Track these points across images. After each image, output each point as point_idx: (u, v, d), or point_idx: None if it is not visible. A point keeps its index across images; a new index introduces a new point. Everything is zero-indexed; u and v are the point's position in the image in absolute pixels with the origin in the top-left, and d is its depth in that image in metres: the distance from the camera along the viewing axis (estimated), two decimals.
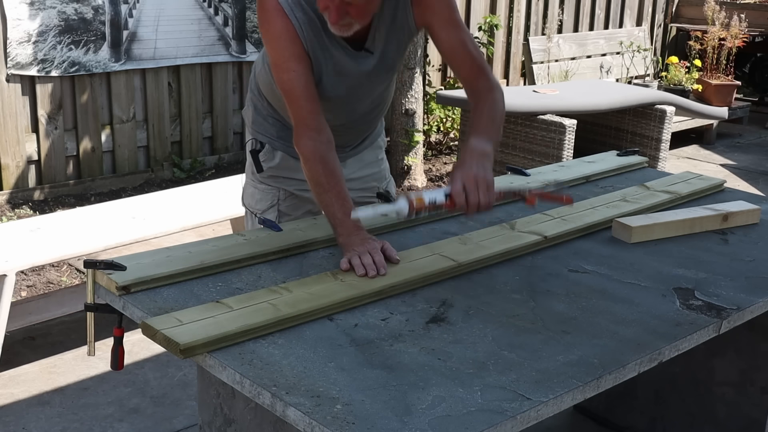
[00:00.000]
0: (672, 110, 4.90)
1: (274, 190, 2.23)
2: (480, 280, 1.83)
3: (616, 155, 2.86)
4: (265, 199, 2.24)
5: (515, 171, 2.63)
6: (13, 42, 4.57)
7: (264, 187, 2.24)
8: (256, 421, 1.52)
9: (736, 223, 2.24)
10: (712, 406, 2.46)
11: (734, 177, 5.94)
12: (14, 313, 3.00)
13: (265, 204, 2.24)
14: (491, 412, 1.30)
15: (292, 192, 2.23)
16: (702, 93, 7.07)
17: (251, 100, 2.25)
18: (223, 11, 5.43)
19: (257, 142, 2.22)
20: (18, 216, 4.50)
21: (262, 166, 2.21)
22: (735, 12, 7.28)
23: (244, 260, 1.85)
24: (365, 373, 1.40)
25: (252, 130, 2.25)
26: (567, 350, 1.52)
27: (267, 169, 2.21)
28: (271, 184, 2.23)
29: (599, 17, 8.01)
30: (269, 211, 2.23)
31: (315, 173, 1.90)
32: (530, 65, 6.75)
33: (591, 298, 1.75)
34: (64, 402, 2.85)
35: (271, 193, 2.24)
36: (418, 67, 5.32)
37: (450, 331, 1.57)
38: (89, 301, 1.73)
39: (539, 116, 4.48)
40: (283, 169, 2.21)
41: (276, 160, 2.21)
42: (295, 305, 1.60)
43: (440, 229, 2.14)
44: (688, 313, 1.70)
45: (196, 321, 1.52)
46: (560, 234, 2.08)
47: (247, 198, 2.30)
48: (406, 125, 5.36)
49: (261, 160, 2.21)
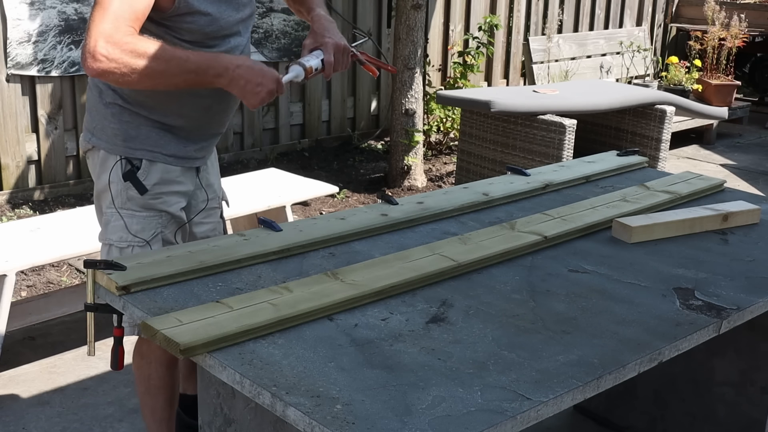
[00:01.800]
0: (672, 110, 4.89)
1: (156, 216, 2.05)
2: (480, 280, 1.83)
3: (616, 155, 2.86)
4: (147, 229, 2.05)
5: (515, 171, 2.63)
6: (13, 42, 4.57)
7: (145, 213, 2.04)
8: (256, 421, 1.52)
9: (736, 223, 2.25)
10: (712, 406, 2.46)
11: (734, 177, 5.95)
12: (14, 313, 3.00)
13: (148, 234, 2.05)
14: (491, 412, 1.31)
15: (174, 214, 2.08)
16: (702, 93, 7.07)
17: (113, 115, 2.01)
18: None
19: (128, 162, 2.01)
20: (18, 216, 4.50)
21: (145, 186, 2.01)
22: (735, 12, 7.28)
23: (244, 260, 1.85)
24: (365, 373, 1.40)
25: (122, 148, 2.02)
26: (567, 350, 1.52)
27: (150, 188, 2.03)
28: (154, 207, 2.05)
29: (599, 17, 8.01)
30: (153, 241, 2.05)
31: (158, 54, 1.80)
32: (530, 65, 6.75)
33: (591, 298, 1.75)
34: (64, 402, 2.85)
35: (154, 219, 2.05)
36: (418, 67, 5.32)
37: (450, 331, 1.57)
38: (89, 301, 1.73)
39: (539, 116, 4.48)
40: (166, 183, 2.05)
41: (157, 174, 2.04)
42: (295, 305, 1.60)
43: (440, 229, 2.14)
44: (688, 313, 1.70)
45: (196, 321, 1.52)
46: (560, 234, 2.08)
47: (118, 231, 2.03)
48: (406, 125, 5.36)
49: (141, 179, 2.02)
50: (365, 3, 6.23)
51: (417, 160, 5.42)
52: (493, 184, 2.50)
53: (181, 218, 2.12)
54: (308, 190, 3.86)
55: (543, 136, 4.47)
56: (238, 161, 5.66)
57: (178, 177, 2.09)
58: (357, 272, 1.78)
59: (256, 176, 4.02)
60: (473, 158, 4.89)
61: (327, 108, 6.20)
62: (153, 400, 2.25)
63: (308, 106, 6.07)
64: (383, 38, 6.42)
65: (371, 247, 1.99)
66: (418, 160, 5.45)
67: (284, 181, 3.93)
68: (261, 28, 5.66)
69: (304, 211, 4.90)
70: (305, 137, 6.13)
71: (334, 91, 6.21)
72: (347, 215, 2.16)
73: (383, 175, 5.69)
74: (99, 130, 2.04)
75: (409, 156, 5.39)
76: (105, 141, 2.04)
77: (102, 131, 2.04)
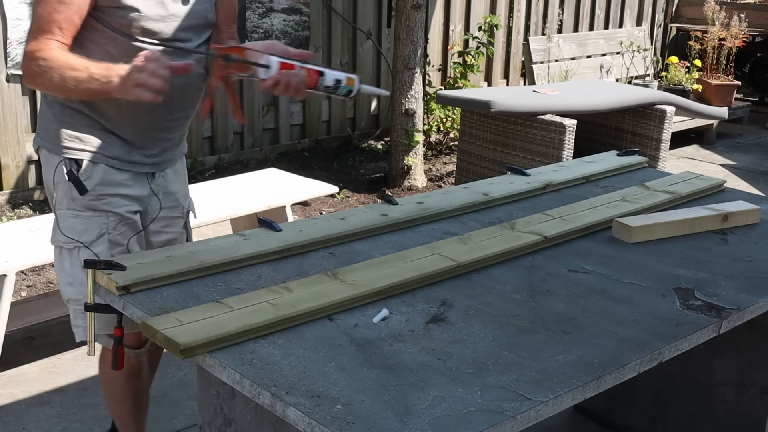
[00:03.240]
0: (672, 110, 4.89)
1: (101, 217, 2.02)
2: (480, 280, 1.83)
3: (616, 155, 2.86)
4: (91, 229, 2.01)
5: (515, 171, 2.63)
6: (13, 42, 4.57)
7: (89, 214, 2.01)
8: (256, 421, 1.52)
9: (736, 223, 2.25)
10: (712, 406, 2.46)
11: (734, 177, 5.95)
12: (14, 313, 3.00)
13: (93, 234, 2.01)
14: (491, 412, 1.30)
15: (123, 215, 2.04)
16: (702, 93, 7.07)
17: (55, 116, 2.01)
18: None
19: (72, 162, 1.99)
20: (18, 216, 4.50)
21: (85, 186, 1.98)
22: (735, 12, 7.28)
23: (244, 260, 1.85)
24: (365, 373, 1.40)
25: (62, 149, 2.00)
26: (567, 350, 1.52)
27: (91, 188, 2.00)
28: (98, 208, 2.01)
29: (599, 17, 8.01)
30: (98, 242, 2.01)
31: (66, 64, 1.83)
32: (530, 65, 6.75)
33: (591, 298, 1.75)
34: (64, 402, 2.85)
35: (99, 220, 2.02)
36: (418, 67, 5.32)
37: (450, 331, 1.57)
38: (89, 301, 1.73)
39: (539, 116, 4.48)
40: (108, 185, 2.02)
41: (98, 175, 2.00)
42: (295, 305, 1.60)
43: (440, 229, 2.14)
44: (688, 313, 1.70)
45: (196, 321, 1.52)
46: (560, 234, 2.08)
47: (66, 230, 2.01)
48: (406, 125, 5.36)
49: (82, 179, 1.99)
50: (365, 3, 6.23)
51: (417, 160, 5.42)
52: (493, 184, 2.50)
53: (134, 221, 2.06)
54: (308, 190, 3.86)
55: (543, 136, 4.47)
56: (238, 161, 5.66)
57: (126, 180, 2.04)
58: (357, 272, 1.78)
59: (256, 176, 4.02)
60: (473, 158, 4.89)
61: (327, 108, 6.20)
62: (118, 406, 2.29)
63: (308, 106, 6.07)
64: (383, 38, 6.42)
65: (371, 247, 1.99)
66: (418, 160, 5.45)
67: (284, 181, 3.93)
68: (261, 28, 5.66)
69: (304, 211, 4.90)
70: (305, 137, 6.13)
71: None
72: (347, 215, 2.16)
73: (383, 175, 5.69)
74: (43, 130, 2.05)
75: (409, 156, 5.39)
76: (48, 141, 2.03)
77: (45, 131, 2.04)
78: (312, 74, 1.86)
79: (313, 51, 5.92)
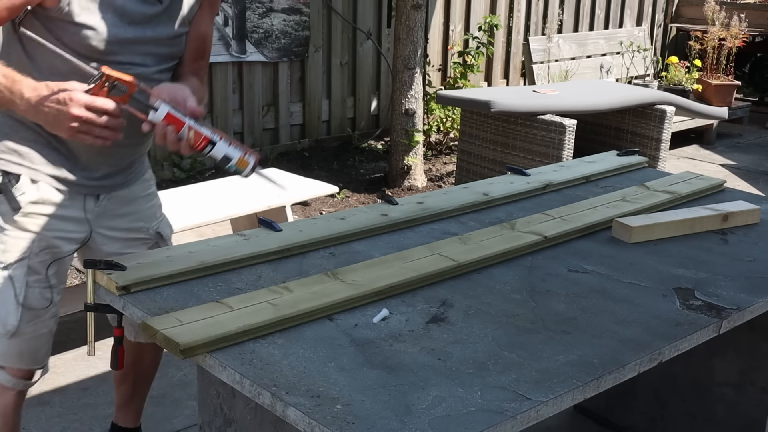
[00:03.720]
0: (672, 110, 4.89)
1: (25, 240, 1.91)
2: (480, 280, 1.83)
3: (616, 155, 2.86)
4: (14, 250, 1.90)
5: (515, 171, 2.63)
6: None
7: (16, 233, 1.90)
8: (256, 421, 1.52)
9: (736, 223, 2.25)
10: (712, 406, 2.46)
11: (734, 177, 5.95)
12: None
13: (14, 255, 1.90)
14: (491, 412, 1.30)
15: (50, 242, 1.93)
16: (702, 93, 7.07)
17: None
18: (223, 11, 5.43)
19: (8, 175, 1.88)
20: None
21: (18, 202, 1.88)
22: (735, 12, 7.28)
23: (244, 260, 1.85)
24: (365, 373, 1.40)
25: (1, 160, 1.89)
26: (567, 350, 1.52)
27: (25, 205, 1.89)
28: (26, 227, 1.90)
29: (599, 17, 8.01)
30: (17, 265, 1.91)
31: None
32: (530, 65, 6.75)
33: (591, 298, 1.75)
34: (64, 402, 2.85)
35: (23, 242, 1.91)
36: (418, 67, 5.32)
37: (450, 331, 1.57)
38: (89, 301, 1.73)
39: (539, 116, 4.48)
40: (43, 203, 1.91)
41: (37, 193, 1.90)
42: (295, 305, 1.60)
43: (440, 229, 2.14)
44: (688, 313, 1.70)
45: (196, 321, 1.52)
46: (560, 234, 2.08)
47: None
48: (406, 125, 5.36)
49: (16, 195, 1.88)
50: (365, 3, 6.23)
51: (417, 160, 5.42)
52: (493, 184, 2.50)
53: (56, 247, 1.95)
54: (308, 190, 3.86)
55: (543, 136, 4.47)
56: None
57: (64, 201, 1.93)
58: (357, 272, 1.78)
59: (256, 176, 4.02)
60: (473, 158, 4.89)
61: (327, 108, 6.20)
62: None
63: (308, 106, 6.07)
64: (383, 38, 6.42)
65: (371, 247, 1.99)
66: (418, 160, 5.45)
67: (284, 180, 3.93)
68: (261, 28, 5.66)
69: (304, 211, 4.90)
70: (305, 137, 6.13)
71: (334, 91, 6.22)
72: (347, 215, 2.16)
73: (383, 175, 5.69)
74: None
75: (409, 156, 5.39)
76: None
77: None
78: (200, 139, 1.74)
79: (313, 50, 5.93)
